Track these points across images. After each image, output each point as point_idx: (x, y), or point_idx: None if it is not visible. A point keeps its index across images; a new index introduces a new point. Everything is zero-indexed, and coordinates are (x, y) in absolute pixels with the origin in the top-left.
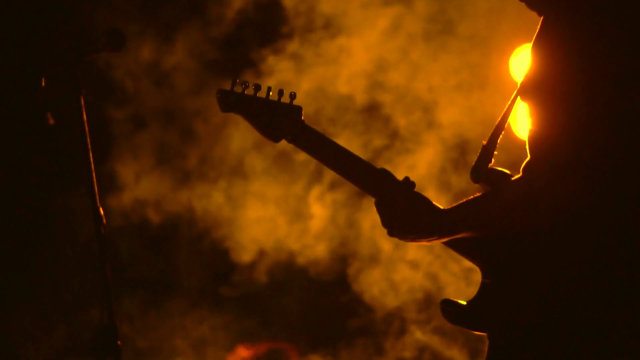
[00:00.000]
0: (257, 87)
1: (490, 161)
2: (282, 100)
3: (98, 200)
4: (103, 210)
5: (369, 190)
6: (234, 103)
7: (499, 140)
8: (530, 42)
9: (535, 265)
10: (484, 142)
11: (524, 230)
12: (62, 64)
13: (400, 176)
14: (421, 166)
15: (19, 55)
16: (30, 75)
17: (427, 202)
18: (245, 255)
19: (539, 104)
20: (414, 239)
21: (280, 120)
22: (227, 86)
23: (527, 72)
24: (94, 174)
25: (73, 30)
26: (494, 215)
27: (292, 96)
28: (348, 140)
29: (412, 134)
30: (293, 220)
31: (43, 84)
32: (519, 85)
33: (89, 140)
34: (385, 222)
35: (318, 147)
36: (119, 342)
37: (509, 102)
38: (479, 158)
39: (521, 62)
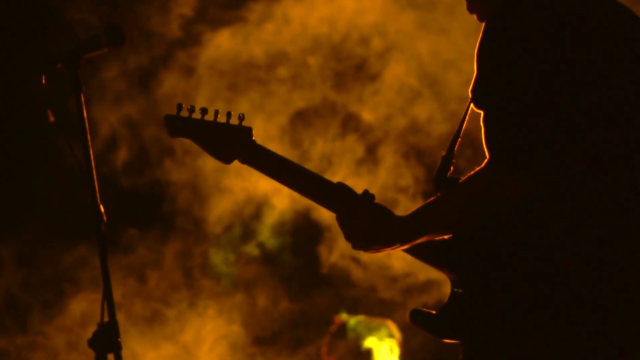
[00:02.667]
0: (204, 111)
1: (450, 169)
2: (230, 122)
3: (99, 198)
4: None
5: (327, 206)
6: (181, 128)
7: (456, 148)
8: None
9: (496, 267)
10: (443, 153)
11: (480, 232)
12: (62, 61)
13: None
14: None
15: (20, 53)
16: (31, 73)
17: (386, 212)
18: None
19: (484, 107)
20: (377, 250)
21: (231, 142)
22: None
23: (473, 79)
24: (94, 172)
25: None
26: (449, 213)
27: (241, 117)
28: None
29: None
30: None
31: (43, 81)
32: (470, 94)
33: (89, 137)
34: (348, 236)
35: (272, 167)
36: (119, 339)
37: (465, 111)
38: (439, 167)
39: None
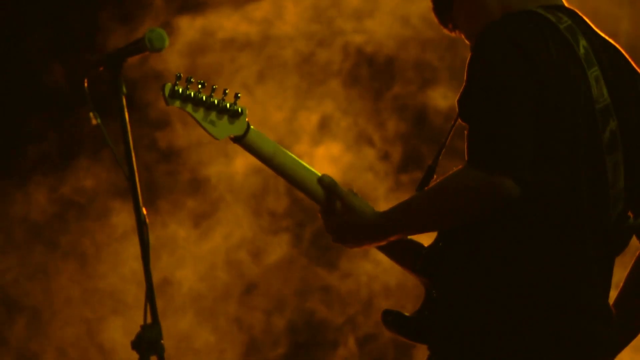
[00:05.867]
0: (201, 84)
1: (433, 177)
2: (226, 100)
3: (141, 201)
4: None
5: (311, 198)
6: (177, 98)
7: (440, 158)
8: None
9: (468, 273)
10: (429, 163)
11: (455, 237)
12: (105, 64)
13: None
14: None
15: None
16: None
17: (366, 209)
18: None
19: (468, 121)
20: (355, 245)
21: (224, 120)
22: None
23: (461, 90)
24: (136, 175)
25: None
26: (421, 211)
27: (237, 97)
28: None
29: None
30: None
31: (86, 84)
32: (457, 105)
33: (131, 141)
34: (328, 230)
35: (263, 151)
36: (162, 341)
37: (453, 122)
38: (423, 177)
39: None
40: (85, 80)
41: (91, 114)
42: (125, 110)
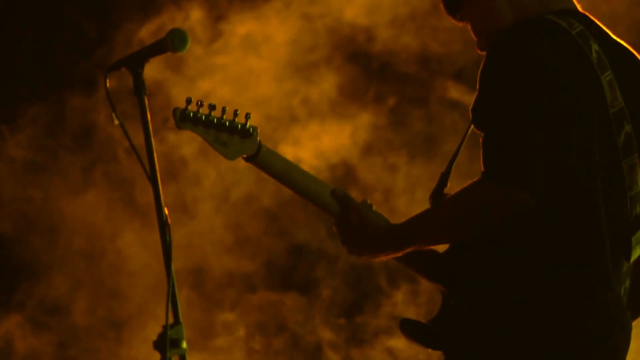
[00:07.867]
0: (212, 107)
1: (446, 185)
2: (237, 120)
3: (163, 201)
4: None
5: (326, 211)
6: (189, 122)
7: (453, 167)
8: None
9: (485, 283)
10: (442, 172)
11: (471, 247)
12: (127, 64)
13: None
14: None
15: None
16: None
17: (380, 222)
18: None
19: (483, 129)
20: (370, 257)
21: (236, 140)
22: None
23: (474, 99)
24: (158, 174)
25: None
26: (435, 224)
27: (247, 117)
28: None
29: None
30: None
31: (107, 84)
32: (470, 113)
33: (152, 141)
34: (343, 242)
35: (275, 168)
36: (184, 341)
37: (466, 130)
38: (436, 185)
39: None
40: (107, 81)
41: (113, 115)
42: (148, 110)
